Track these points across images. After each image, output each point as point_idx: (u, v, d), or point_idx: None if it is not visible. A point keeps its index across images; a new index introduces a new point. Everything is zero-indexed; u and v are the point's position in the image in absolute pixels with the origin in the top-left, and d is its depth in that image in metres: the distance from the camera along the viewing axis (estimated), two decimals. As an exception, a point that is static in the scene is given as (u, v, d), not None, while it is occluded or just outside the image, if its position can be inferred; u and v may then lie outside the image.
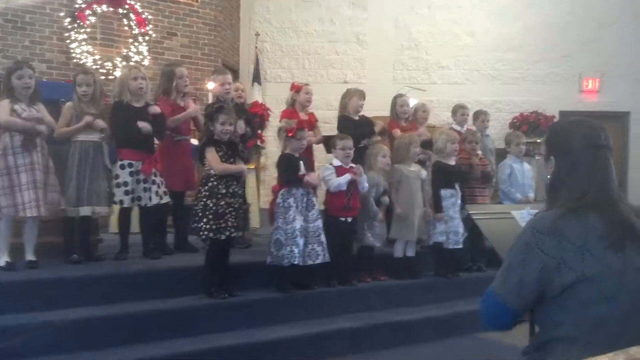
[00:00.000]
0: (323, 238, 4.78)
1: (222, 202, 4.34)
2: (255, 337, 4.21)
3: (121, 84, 4.97)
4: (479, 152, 6.19)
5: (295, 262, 4.61)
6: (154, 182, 4.90)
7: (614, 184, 1.93)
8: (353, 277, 5.15)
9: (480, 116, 6.87)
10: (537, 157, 9.07)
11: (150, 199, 4.87)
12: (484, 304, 1.98)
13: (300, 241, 4.63)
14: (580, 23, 10.76)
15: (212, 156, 4.39)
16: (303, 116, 5.77)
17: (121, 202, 4.82)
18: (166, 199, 5.03)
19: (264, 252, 4.81)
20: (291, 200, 4.70)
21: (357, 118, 5.89)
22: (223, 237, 4.34)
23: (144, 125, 4.80)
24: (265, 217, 6.05)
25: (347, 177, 5.00)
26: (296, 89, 5.85)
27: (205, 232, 4.30)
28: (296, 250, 4.60)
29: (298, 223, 4.64)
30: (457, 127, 6.54)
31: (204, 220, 4.29)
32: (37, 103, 4.54)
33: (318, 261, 4.74)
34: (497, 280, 1.94)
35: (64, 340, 3.70)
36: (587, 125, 1.99)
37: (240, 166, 4.53)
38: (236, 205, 4.44)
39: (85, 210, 4.66)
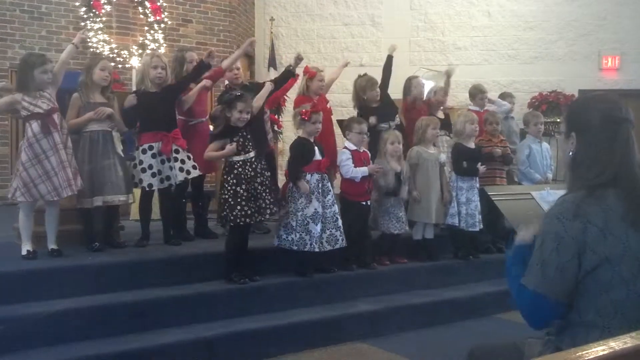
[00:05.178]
0: (340, 223, 4.78)
1: (255, 184, 4.38)
2: (275, 321, 4.24)
3: (142, 72, 5.01)
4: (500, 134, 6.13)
5: (306, 249, 4.61)
6: (176, 160, 4.92)
7: (635, 158, 1.88)
8: (372, 260, 5.15)
9: (507, 98, 6.87)
10: (557, 137, 8.95)
11: (177, 176, 4.91)
12: (521, 301, 1.91)
13: (315, 227, 4.61)
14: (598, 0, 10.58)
15: (210, 146, 4.49)
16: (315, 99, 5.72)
17: (150, 185, 4.84)
18: (195, 173, 5.03)
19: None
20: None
21: (375, 105, 5.87)
22: (266, 216, 4.49)
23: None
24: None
25: (365, 171, 4.99)
26: (310, 75, 5.69)
27: (243, 218, 4.32)
28: (307, 238, 4.59)
29: (312, 209, 4.63)
30: (476, 109, 6.48)
31: (238, 207, 4.30)
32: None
33: (337, 246, 4.75)
34: (532, 277, 1.87)
35: (87, 327, 3.75)
36: (606, 100, 1.95)
37: (227, 149, 4.37)
38: (268, 183, 4.49)
39: (97, 200, 4.68)
